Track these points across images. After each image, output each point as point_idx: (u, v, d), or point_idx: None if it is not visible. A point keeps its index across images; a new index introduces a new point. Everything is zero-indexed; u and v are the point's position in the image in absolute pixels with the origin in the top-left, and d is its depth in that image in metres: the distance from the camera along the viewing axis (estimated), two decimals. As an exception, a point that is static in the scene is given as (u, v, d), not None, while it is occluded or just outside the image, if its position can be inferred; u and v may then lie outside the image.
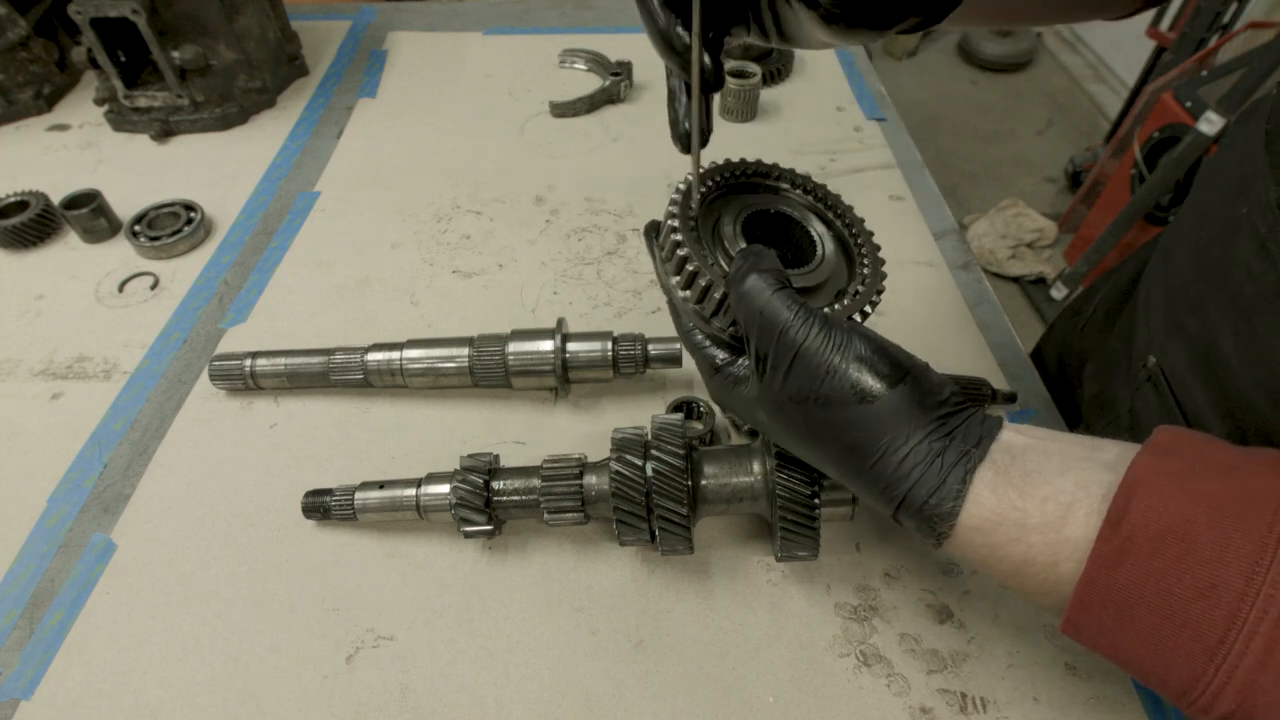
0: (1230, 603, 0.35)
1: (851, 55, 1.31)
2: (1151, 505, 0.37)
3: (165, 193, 1.01)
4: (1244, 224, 0.54)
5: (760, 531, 0.68)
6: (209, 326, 0.86)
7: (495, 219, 1.00)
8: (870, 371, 0.44)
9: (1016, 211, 2.85)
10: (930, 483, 0.42)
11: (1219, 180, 0.61)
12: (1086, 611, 0.40)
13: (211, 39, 1.09)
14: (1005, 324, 0.86)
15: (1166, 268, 0.66)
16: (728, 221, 0.52)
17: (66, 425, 0.77)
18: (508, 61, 1.30)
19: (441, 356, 0.75)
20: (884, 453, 0.43)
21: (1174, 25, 2.72)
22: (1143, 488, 0.38)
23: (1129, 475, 0.39)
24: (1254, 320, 0.52)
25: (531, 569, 0.66)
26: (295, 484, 0.70)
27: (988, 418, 0.45)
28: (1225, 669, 0.35)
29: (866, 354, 0.44)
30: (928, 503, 0.42)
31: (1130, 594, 0.38)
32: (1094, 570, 0.38)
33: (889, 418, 0.43)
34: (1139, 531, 0.37)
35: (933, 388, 0.44)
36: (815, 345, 0.44)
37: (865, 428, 0.43)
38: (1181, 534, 0.37)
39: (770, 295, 0.45)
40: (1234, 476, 0.38)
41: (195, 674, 0.60)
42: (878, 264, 0.52)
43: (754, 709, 0.57)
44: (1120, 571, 0.38)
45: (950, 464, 0.42)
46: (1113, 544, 0.38)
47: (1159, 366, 0.64)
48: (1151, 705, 0.57)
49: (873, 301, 0.50)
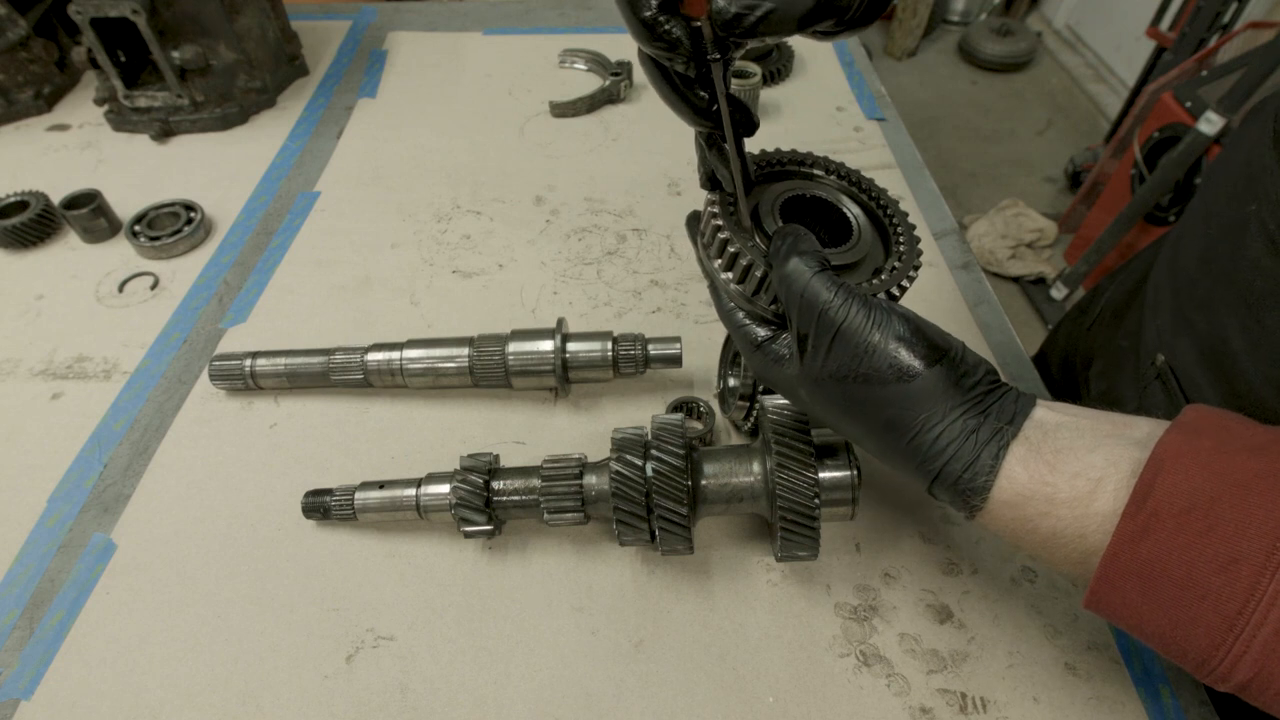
0: (1250, 575, 0.36)
1: (851, 55, 1.31)
2: (1177, 482, 0.38)
3: (165, 193, 1.01)
4: (1252, 221, 0.54)
5: (760, 531, 0.68)
6: (209, 326, 0.86)
7: (495, 219, 1.00)
8: (909, 350, 0.45)
9: (1016, 211, 2.85)
10: (965, 458, 0.43)
11: (1226, 179, 0.61)
12: (1110, 584, 0.41)
13: (211, 39, 1.09)
14: (1005, 324, 0.86)
15: (1174, 266, 0.66)
16: (765, 206, 0.53)
17: (66, 425, 0.77)
18: (508, 61, 1.30)
19: (441, 356, 0.75)
20: (920, 429, 0.44)
21: (1174, 25, 2.72)
22: (1170, 464, 0.39)
23: (1156, 452, 0.40)
24: (1262, 316, 0.53)
25: (531, 569, 0.66)
26: (295, 484, 0.70)
27: (1021, 395, 0.46)
28: (1244, 638, 0.36)
29: (905, 333, 0.45)
30: (962, 477, 0.44)
31: (1154, 567, 0.39)
32: (1119, 544, 0.40)
33: (926, 395, 0.44)
34: (1164, 507, 0.38)
35: (969, 368, 0.45)
36: (856, 324, 0.45)
37: (903, 405, 0.45)
38: (1206, 510, 0.37)
39: (811, 277, 0.46)
40: (1259, 456, 0.39)
41: (195, 674, 0.60)
42: (913, 241, 0.53)
43: (754, 709, 0.57)
44: (1145, 545, 0.39)
45: (984, 440, 0.43)
46: (1138, 519, 0.39)
47: (1168, 364, 0.64)
48: (1152, 705, 0.57)
49: (910, 276, 0.51)
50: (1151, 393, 0.66)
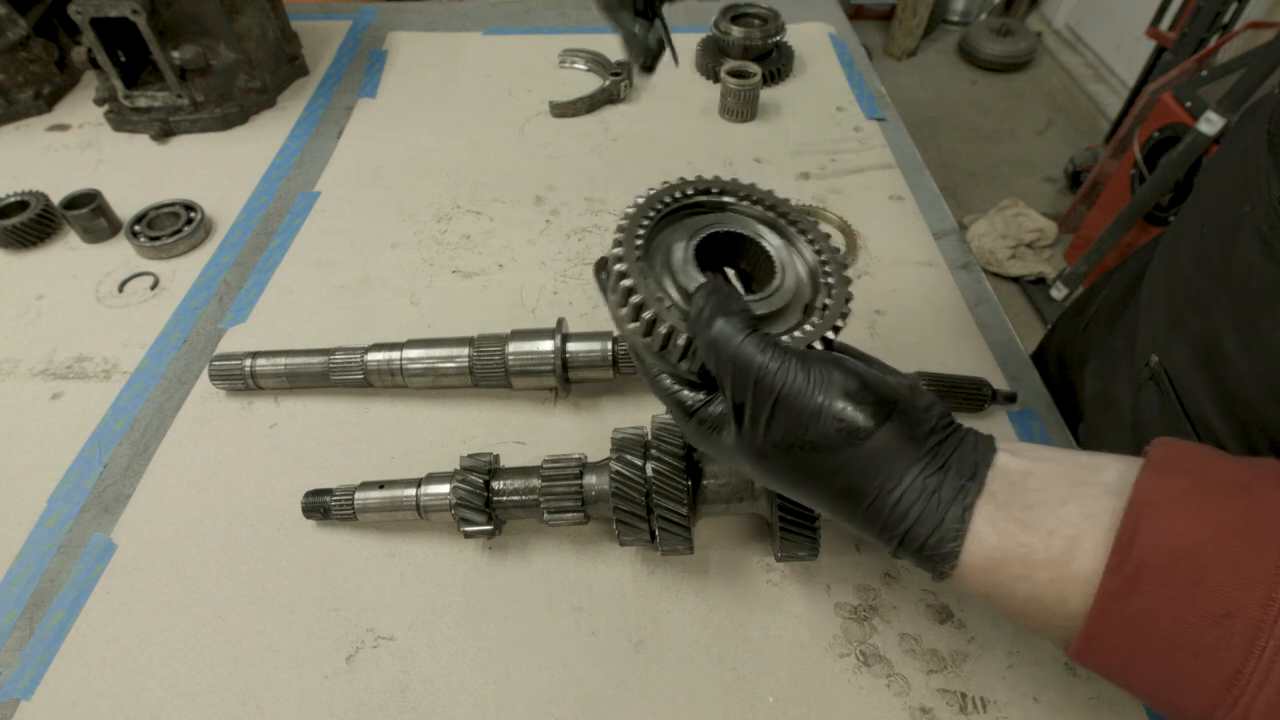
0: (1246, 631, 0.34)
1: (851, 55, 1.31)
2: (1159, 530, 0.36)
3: (165, 193, 1.01)
4: (1246, 222, 0.53)
5: (760, 531, 0.68)
6: (209, 326, 0.86)
7: (495, 219, 1.00)
8: (856, 408, 0.41)
9: (1016, 211, 2.84)
10: (929, 522, 0.41)
11: (1221, 180, 0.61)
12: (1097, 643, 0.38)
13: (211, 39, 1.09)
14: (1005, 324, 0.86)
15: (1170, 266, 0.66)
16: (678, 249, 0.49)
17: (66, 425, 0.77)
18: (508, 61, 1.30)
19: (441, 356, 0.75)
20: (878, 494, 0.42)
21: (1174, 25, 2.72)
22: (1149, 513, 0.37)
23: (1134, 499, 0.38)
24: (1256, 318, 0.52)
25: (531, 569, 0.66)
26: (295, 484, 0.70)
27: (980, 439, 0.43)
28: (1245, 700, 0.34)
29: (852, 389, 0.42)
30: (927, 543, 0.41)
31: (1142, 625, 0.36)
32: (1104, 603, 0.37)
33: (880, 456, 0.41)
34: (1148, 560, 0.36)
35: (921, 414, 0.43)
36: (795, 388, 0.41)
37: (856, 470, 0.42)
38: (1192, 561, 0.35)
39: (741, 341, 0.42)
40: (1241, 496, 0.37)
41: (195, 674, 0.60)
42: (840, 268, 0.50)
43: (754, 709, 0.57)
44: (1131, 603, 0.37)
45: (948, 500, 0.41)
46: (1121, 575, 0.37)
47: (1161, 365, 0.64)
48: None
49: (844, 314, 0.47)
50: (1146, 394, 0.66)
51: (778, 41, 1.22)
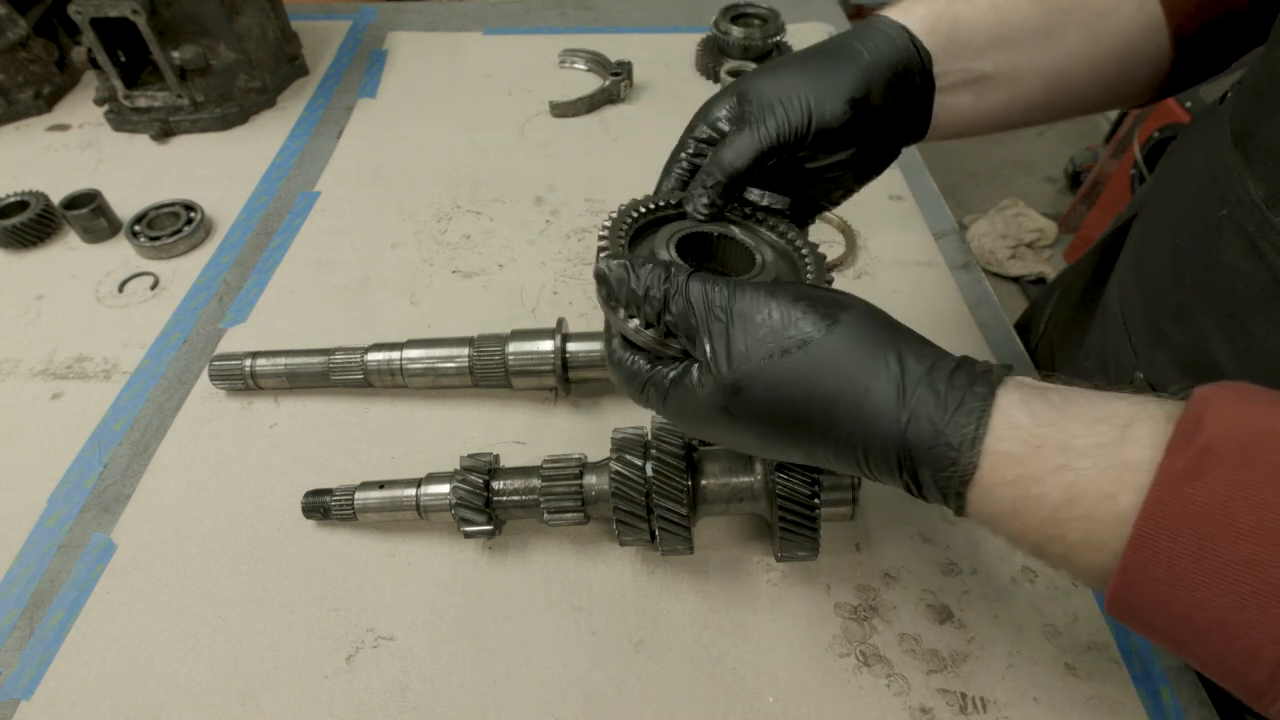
0: None
1: (851, 55, 1.31)
2: (1228, 416, 0.30)
3: (165, 193, 1.01)
4: (1226, 226, 0.52)
5: (760, 531, 0.68)
6: (209, 326, 0.86)
7: (495, 219, 1.00)
8: (811, 303, 0.39)
9: (1016, 211, 2.85)
10: (940, 406, 0.34)
11: (1185, 184, 0.59)
12: (1153, 549, 0.30)
13: (211, 39, 1.09)
14: (1005, 324, 0.86)
15: (1140, 279, 0.64)
16: (661, 251, 0.51)
17: (66, 425, 0.77)
18: (508, 61, 1.30)
19: (441, 356, 0.75)
20: (871, 381, 0.36)
21: (1174, 25, 2.71)
22: (1215, 403, 0.31)
23: (1197, 395, 0.32)
24: (1247, 323, 0.51)
25: (531, 569, 0.66)
26: (295, 484, 0.69)
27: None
28: None
29: (801, 293, 0.40)
30: (943, 431, 0.34)
31: (1213, 517, 0.29)
32: (1165, 486, 0.30)
33: (858, 344, 0.37)
34: (1219, 442, 0.29)
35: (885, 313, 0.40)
36: (747, 303, 0.40)
37: (839, 359, 0.37)
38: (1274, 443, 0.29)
39: (685, 279, 0.42)
40: None
41: (195, 674, 0.60)
42: (820, 261, 0.51)
43: (754, 709, 0.57)
44: (1200, 486, 0.29)
45: (962, 385, 0.35)
46: (1187, 454, 0.29)
47: (1147, 381, 0.62)
48: (1152, 705, 0.57)
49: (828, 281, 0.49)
50: None
51: (778, 41, 1.22)
